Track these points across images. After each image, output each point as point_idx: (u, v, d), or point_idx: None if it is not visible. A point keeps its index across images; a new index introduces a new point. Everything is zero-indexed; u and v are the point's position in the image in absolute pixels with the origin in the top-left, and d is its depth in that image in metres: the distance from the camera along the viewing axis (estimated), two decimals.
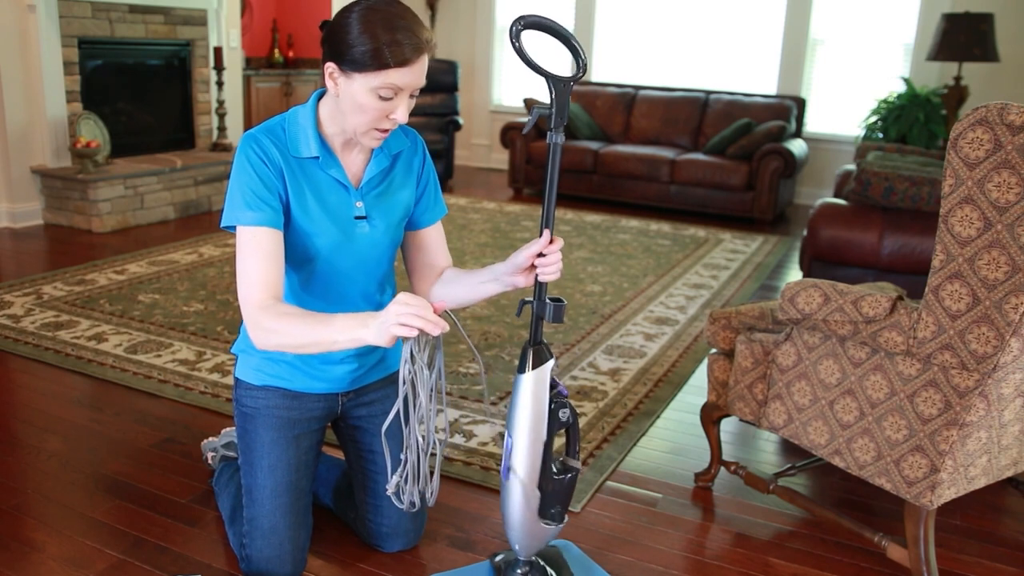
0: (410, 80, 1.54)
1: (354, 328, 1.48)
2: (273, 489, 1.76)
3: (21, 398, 2.70)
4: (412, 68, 1.53)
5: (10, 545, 1.91)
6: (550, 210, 1.56)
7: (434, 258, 1.87)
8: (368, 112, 1.56)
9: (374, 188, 1.74)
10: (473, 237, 5.03)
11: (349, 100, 1.57)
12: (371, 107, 1.55)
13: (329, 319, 1.52)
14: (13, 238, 4.65)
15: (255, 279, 1.58)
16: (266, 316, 1.55)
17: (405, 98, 1.57)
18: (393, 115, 1.57)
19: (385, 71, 1.51)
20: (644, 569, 1.93)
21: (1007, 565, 2.00)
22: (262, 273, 1.58)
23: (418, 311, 1.42)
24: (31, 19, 4.72)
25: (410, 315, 1.42)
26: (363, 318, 1.49)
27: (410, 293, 1.48)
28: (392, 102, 1.56)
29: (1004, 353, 1.61)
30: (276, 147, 1.64)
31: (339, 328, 1.49)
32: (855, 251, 3.19)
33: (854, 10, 6.41)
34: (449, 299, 1.77)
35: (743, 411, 2.13)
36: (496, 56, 7.84)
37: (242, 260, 1.59)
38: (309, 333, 1.52)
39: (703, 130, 6.49)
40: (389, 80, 1.52)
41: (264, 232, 1.59)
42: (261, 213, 1.59)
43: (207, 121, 5.96)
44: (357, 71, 1.52)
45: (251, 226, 1.59)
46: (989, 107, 1.56)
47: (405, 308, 1.43)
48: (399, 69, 1.51)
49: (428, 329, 1.42)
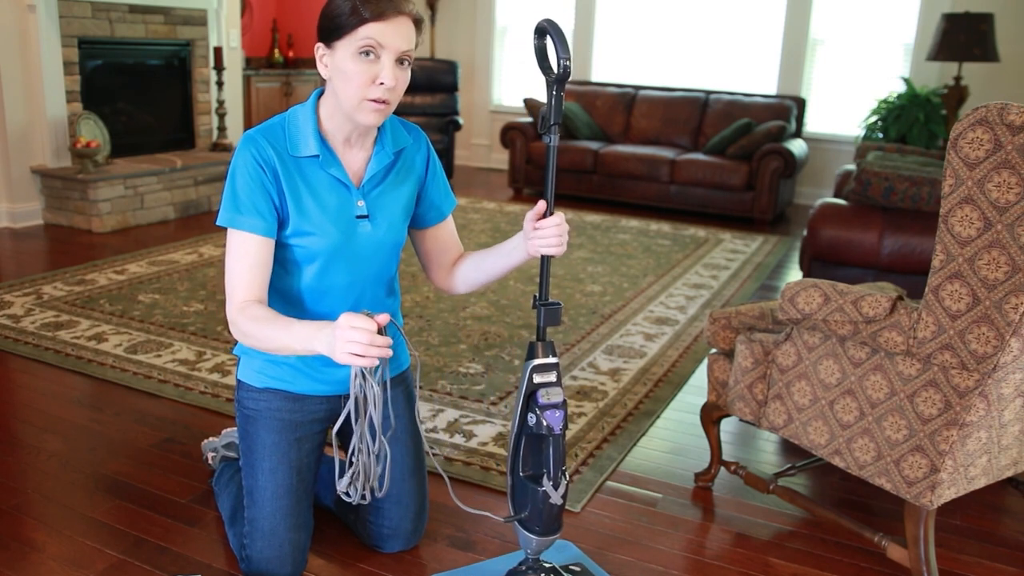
0: (389, 36, 1.54)
1: (308, 338, 1.48)
2: (274, 491, 1.76)
3: (21, 398, 2.70)
4: (389, 23, 1.53)
5: (10, 545, 1.91)
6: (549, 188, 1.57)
7: (449, 250, 1.92)
8: (353, 78, 1.55)
9: (376, 186, 1.73)
10: (473, 237, 5.03)
11: (338, 73, 1.58)
12: (355, 71, 1.55)
13: (290, 325, 1.52)
14: (13, 238, 4.65)
15: (238, 283, 1.62)
16: (241, 318, 1.59)
17: (390, 60, 1.55)
18: (380, 79, 1.55)
19: (362, 26, 1.53)
20: (644, 569, 1.93)
21: (1007, 565, 2.00)
22: (245, 279, 1.61)
23: (365, 337, 1.38)
24: (31, 19, 4.72)
25: (359, 344, 1.38)
26: (318, 328, 1.48)
27: (350, 313, 1.42)
28: (375, 64, 1.55)
29: (1004, 353, 1.61)
30: (274, 148, 1.64)
31: (296, 336, 1.50)
32: (855, 251, 3.19)
33: (854, 10, 6.41)
34: (480, 278, 1.83)
35: (743, 411, 2.13)
36: (496, 56, 7.84)
37: (229, 262, 1.64)
38: (272, 338, 1.54)
39: (703, 130, 6.49)
40: (367, 34, 1.53)
41: (252, 240, 1.61)
42: (252, 220, 1.61)
43: (207, 121, 5.96)
44: (338, 39, 1.55)
45: (241, 231, 1.61)
46: (989, 107, 1.56)
47: (353, 335, 1.38)
48: (375, 23, 1.52)
49: (379, 355, 1.40)
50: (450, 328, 3.44)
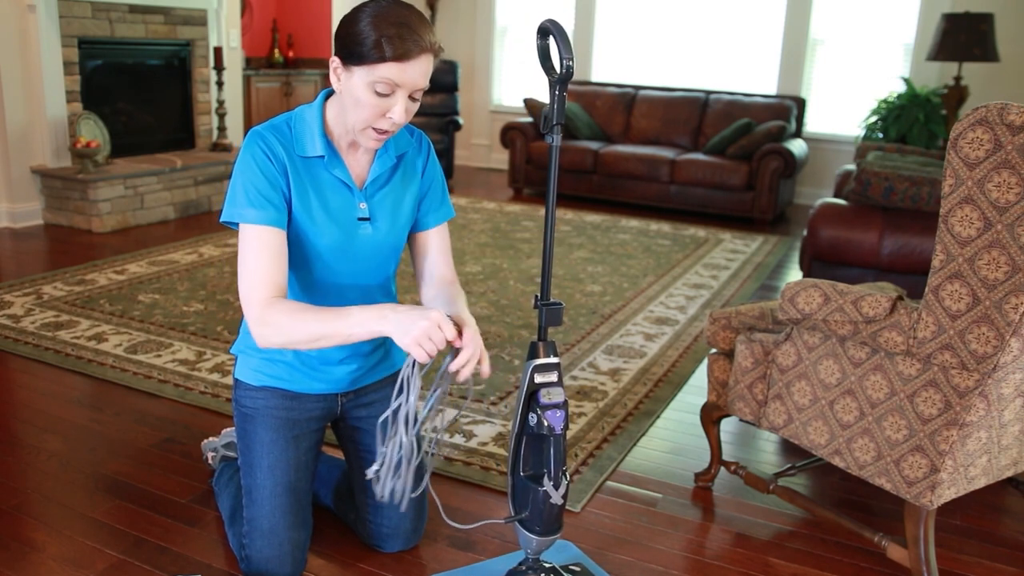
0: (407, 77, 1.53)
1: (372, 321, 1.50)
2: (272, 489, 1.76)
3: (21, 398, 2.70)
4: (410, 64, 1.52)
5: (10, 545, 1.91)
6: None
7: (434, 264, 1.83)
8: (364, 108, 1.56)
9: (378, 189, 1.74)
10: (473, 237, 5.03)
11: (349, 95, 1.57)
12: (368, 103, 1.55)
13: (344, 312, 1.52)
14: (13, 238, 4.65)
15: (258, 277, 1.58)
16: (271, 311, 1.55)
17: (403, 97, 1.56)
18: (390, 114, 1.56)
19: (382, 64, 1.51)
20: (644, 569, 1.93)
21: (1007, 565, 2.00)
22: (266, 271, 1.58)
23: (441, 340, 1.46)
24: (31, 19, 4.72)
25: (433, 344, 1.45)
26: (381, 311, 1.50)
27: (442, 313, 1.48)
28: (389, 99, 1.55)
29: (1004, 353, 1.61)
30: (282, 145, 1.64)
31: (356, 321, 1.51)
32: (855, 251, 3.19)
33: (854, 10, 6.41)
34: None
35: (743, 411, 2.13)
36: (496, 56, 7.84)
37: (245, 258, 1.59)
38: (321, 326, 1.52)
39: (703, 130, 6.49)
40: (385, 74, 1.52)
41: (268, 231, 1.59)
42: (265, 212, 1.59)
43: (207, 121, 5.96)
44: (356, 64, 1.53)
45: (255, 224, 1.59)
46: (989, 107, 1.56)
47: (435, 332, 1.45)
48: (396, 63, 1.51)
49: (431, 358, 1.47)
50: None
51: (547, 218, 1.57)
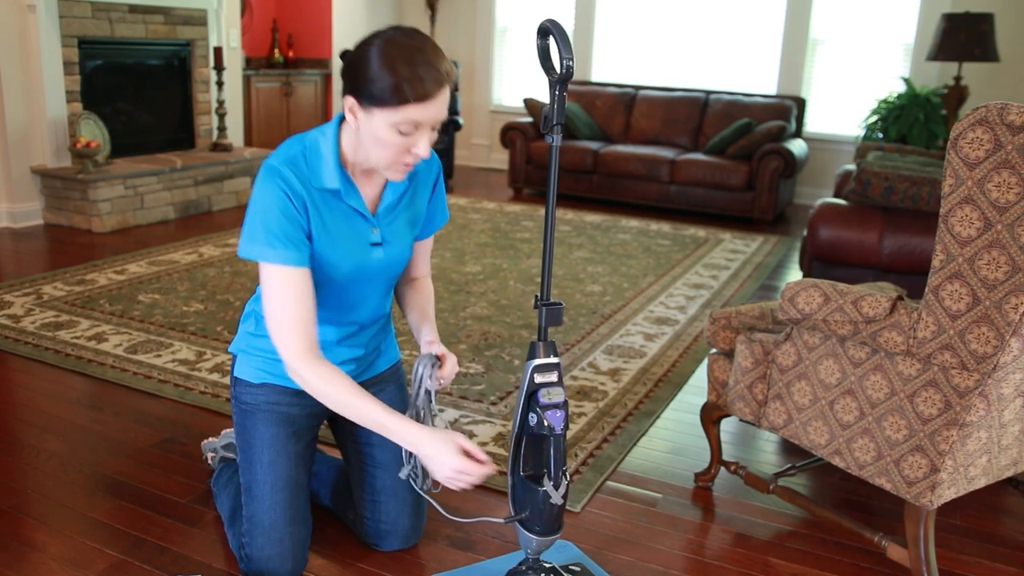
0: (431, 115, 1.53)
1: (414, 440, 1.58)
2: (273, 484, 1.76)
3: (21, 398, 2.70)
4: (433, 103, 1.51)
5: (10, 545, 1.91)
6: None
7: (415, 264, 1.92)
8: (389, 147, 1.55)
9: (390, 212, 1.75)
10: (473, 237, 5.03)
11: (370, 135, 1.55)
12: (392, 142, 1.54)
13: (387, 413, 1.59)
14: (13, 238, 4.65)
15: (290, 324, 1.59)
16: (308, 372, 1.60)
17: (427, 132, 1.55)
18: (415, 149, 1.56)
19: (405, 107, 1.49)
20: (644, 569, 1.93)
21: (1007, 565, 2.00)
22: (296, 315, 1.59)
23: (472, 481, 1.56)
24: (31, 19, 4.72)
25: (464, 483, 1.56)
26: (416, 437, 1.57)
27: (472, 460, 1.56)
28: (413, 136, 1.54)
29: (1004, 353, 1.61)
30: (299, 180, 1.61)
31: (395, 427, 1.59)
32: (855, 251, 3.19)
33: (854, 10, 6.41)
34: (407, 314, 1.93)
35: (743, 411, 2.13)
36: (496, 56, 7.84)
37: (271, 300, 1.59)
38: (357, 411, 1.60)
39: (703, 130, 6.49)
40: (409, 116, 1.50)
41: (293, 272, 1.59)
42: (289, 252, 1.58)
43: (207, 121, 5.96)
44: (376, 106, 1.50)
45: (282, 265, 1.58)
46: (989, 107, 1.56)
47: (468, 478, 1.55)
48: (419, 104, 1.50)
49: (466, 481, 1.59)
50: (450, 328, 3.44)
51: (547, 218, 1.57)
